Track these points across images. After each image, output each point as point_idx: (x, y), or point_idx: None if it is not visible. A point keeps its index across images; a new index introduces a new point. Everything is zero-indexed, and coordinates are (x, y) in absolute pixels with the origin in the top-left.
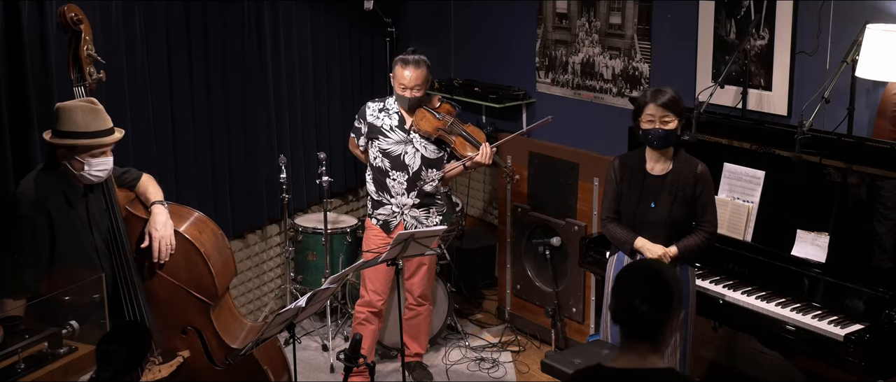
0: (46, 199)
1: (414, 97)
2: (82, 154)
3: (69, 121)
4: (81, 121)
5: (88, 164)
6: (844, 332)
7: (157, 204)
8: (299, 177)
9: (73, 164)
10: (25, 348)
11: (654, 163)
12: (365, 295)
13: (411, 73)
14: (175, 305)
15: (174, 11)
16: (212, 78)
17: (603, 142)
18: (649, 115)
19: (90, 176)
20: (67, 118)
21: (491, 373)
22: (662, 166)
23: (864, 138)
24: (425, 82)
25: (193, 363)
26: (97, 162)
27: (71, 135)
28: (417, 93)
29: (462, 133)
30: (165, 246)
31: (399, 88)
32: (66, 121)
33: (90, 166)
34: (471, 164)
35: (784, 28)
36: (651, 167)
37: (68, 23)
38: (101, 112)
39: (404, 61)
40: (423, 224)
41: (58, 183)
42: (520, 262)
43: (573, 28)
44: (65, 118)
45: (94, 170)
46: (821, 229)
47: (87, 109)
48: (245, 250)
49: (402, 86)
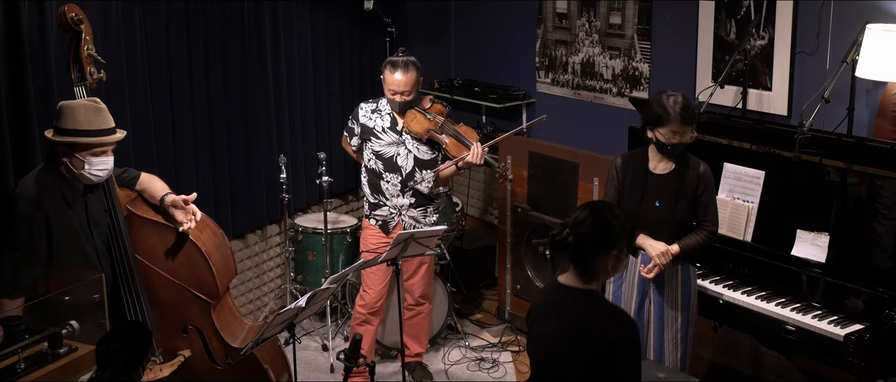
0: (44, 199)
1: (404, 101)
2: (83, 152)
3: (72, 118)
4: (84, 120)
5: (89, 163)
6: (844, 332)
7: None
8: (299, 177)
9: (73, 163)
10: (25, 348)
11: (657, 163)
12: (364, 294)
13: (401, 78)
14: (176, 304)
15: (174, 11)
16: (212, 78)
17: (603, 142)
18: (673, 131)
19: (90, 175)
20: (70, 116)
21: (491, 373)
22: (665, 165)
23: (864, 138)
24: (415, 85)
25: (194, 362)
26: (98, 161)
27: (72, 133)
28: (407, 98)
29: (453, 133)
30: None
31: (388, 93)
32: (68, 118)
33: (90, 165)
34: (463, 164)
35: (784, 28)
36: (654, 166)
37: (69, 23)
38: (104, 111)
39: (393, 64)
40: (421, 223)
41: (56, 183)
42: (520, 262)
43: (573, 28)
44: (67, 116)
45: (94, 170)
46: (821, 229)
47: (91, 108)
48: (245, 250)
49: (391, 90)
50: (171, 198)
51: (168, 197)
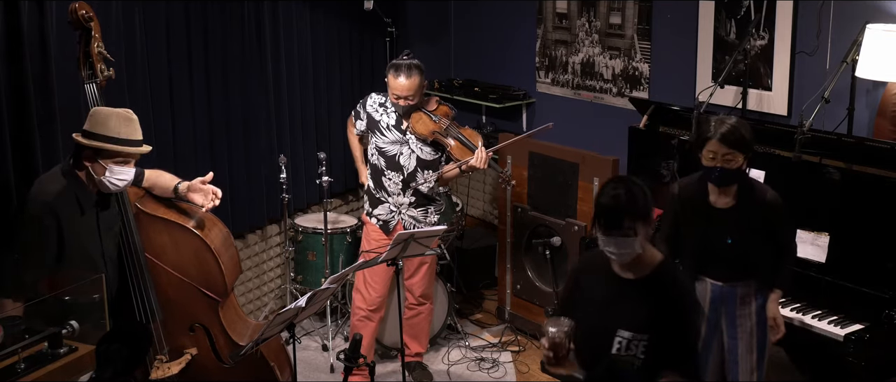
0: (59, 203)
1: (408, 105)
2: (107, 159)
3: (103, 125)
4: (115, 128)
5: (111, 171)
6: (844, 332)
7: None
8: (299, 177)
9: (95, 169)
10: (25, 348)
11: (717, 197)
12: (363, 294)
13: (404, 83)
14: (183, 303)
15: (174, 11)
16: (212, 78)
17: (603, 142)
18: (711, 151)
19: (109, 183)
20: (102, 122)
21: (491, 373)
22: (726, 200)
23: (864, 138)
24: (418, 90)
25: (201, 360)
26: (119, 170)
27: (101, 139)
28: (411, 102)
29: (458, 136)
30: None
31: (392, 97)
32: (99, 124)
33: (112, 173)
34: (466, 168)
35: (784, 28)
36: (714, 200)
37: (79, 20)
38: (136, 123)
39: (396, 68)
40: (421, 224)
41: (73, 187)
42: (520, 262)
43: (573, 28)
44: (99, 121)
45: (114, 178)
46: (821, 229)
47: (123, 117)
48: (245, 250)
49: (394, 95)
50: (185, 184)
51: (181, 185)
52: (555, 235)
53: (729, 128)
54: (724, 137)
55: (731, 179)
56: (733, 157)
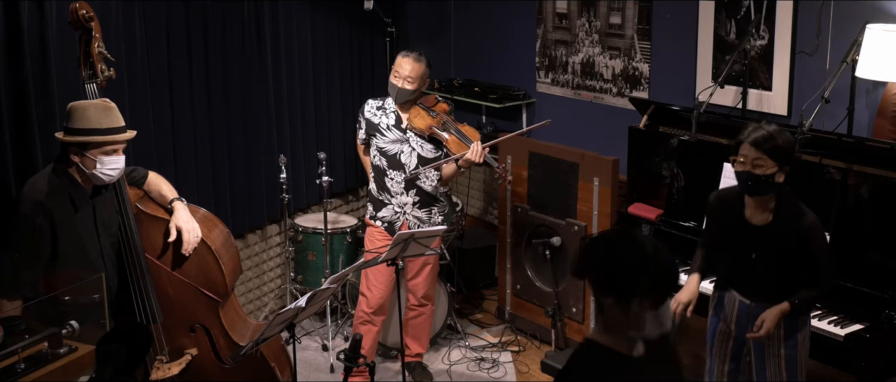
0: (51, 202)
1: (404, 88)
2: (94, 151)
3: (82, 118)
4: (94, 119)
5: (101, 162)
6: (844, 332)
7: (177, 201)
8: (299, 177)
9: (84, 163)
10: (25, 348)
11: (754, 212)
12: (366, 295)
13: (409, 65)
14: (184, 303)
15: (174, 11)
16: (212, 78)
17: (603, 142)
18: (742, 156)
19: (102, 175)
20: (80, 116)
21: (491, 373)
22: (762, 216)
23: (864, 138)
24: (420, 78)
25: (201, 361)
26: (109, 160)
27: (83, 132)
28: (408, 86)
29: (455, 131)
30: (194, 238)
31: (393, 76)
32: (78, 118)
33: (102, 164)
34: (463, 162)
35: (784, 28)
36: (750, 215)
37: (80, 20)
38: (115, 110)
39: (406, 53)
40: (425, 224)
41: (65, 185)
42: (520, 262)
43: (573, 28)
44: (78, 116)
45: (106, 169)
46: None
47: (101, 107)
48: (245, 250)
49: (396, 74)
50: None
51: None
52: (555, 235)
53: (762, 133)
54: (755, 141)
55: (761, 188)
56: (763, 163)
